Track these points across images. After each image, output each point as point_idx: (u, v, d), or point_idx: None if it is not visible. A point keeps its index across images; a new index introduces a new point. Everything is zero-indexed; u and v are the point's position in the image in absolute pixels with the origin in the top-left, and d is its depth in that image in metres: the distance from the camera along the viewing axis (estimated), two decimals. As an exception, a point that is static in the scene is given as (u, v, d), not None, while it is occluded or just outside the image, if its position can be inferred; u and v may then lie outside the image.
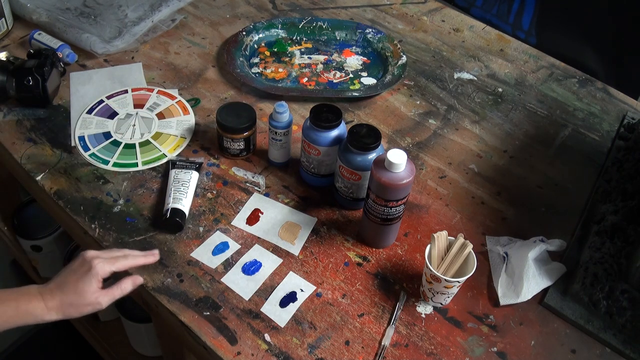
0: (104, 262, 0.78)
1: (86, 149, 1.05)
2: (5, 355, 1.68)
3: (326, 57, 1.30)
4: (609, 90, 1.29)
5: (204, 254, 0.91)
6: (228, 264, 0.90)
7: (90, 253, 0.79)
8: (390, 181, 0.84)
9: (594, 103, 1.25)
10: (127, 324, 1.38)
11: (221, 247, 0.92)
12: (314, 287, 0.88)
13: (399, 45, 1.30)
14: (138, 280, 0.81)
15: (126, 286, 0.80)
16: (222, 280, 0.88)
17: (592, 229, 0.97)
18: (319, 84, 1.23)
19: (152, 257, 0.85)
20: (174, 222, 0.92)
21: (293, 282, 0.89)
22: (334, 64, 1.28)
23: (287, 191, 1.02)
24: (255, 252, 0.92)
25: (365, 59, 1.30)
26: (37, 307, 0.75)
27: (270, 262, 0.91)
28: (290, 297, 0.87)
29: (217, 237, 0.94)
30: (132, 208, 0.97)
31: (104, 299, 0.78)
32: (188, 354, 1.03)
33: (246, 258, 0.91)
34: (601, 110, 1.24)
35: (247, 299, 0.86)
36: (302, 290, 0.88)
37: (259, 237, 0.94)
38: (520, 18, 1.43)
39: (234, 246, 0.93)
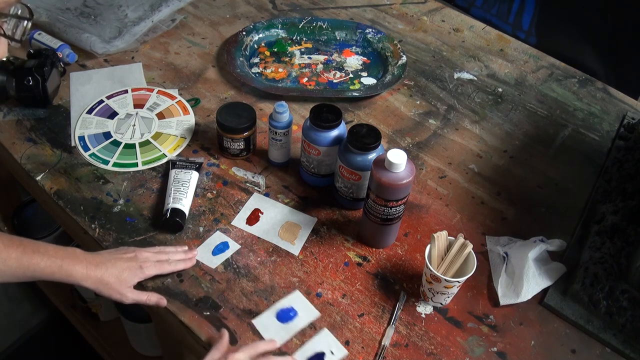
0: (153, 266, 0.85)
1: (86, 149, 1.05)
2: (5, 355, 1.68)
3: (326, 57, 1.30)
4: (609, 90, 1.29)
5: (203, 253, 0.91)
6: (228, 264, 0.90)
7: (145, 254, 0.86)
8: (390, 181, 0.84)
9: (594, 103, 1.25)
10: (127, 324, 1.38)
11: (221, 247, 0.92)
12: (346, 352, 0.82)
13: (399, 45, 1.30)
14: (162, 302, 0.84)
15: (151, 299, 0.84)
16: (253, 322, 0.83)
17: (592, 229, 0.97)
18: (319, 84, 1.23)
19: (190, 262, 0.89)
20: (174, 222, 0.92)
21: (325, 340, 0.82)
22: (334, 64, 1.28)
23: (287, 191, 1.02)
24: (295, 298, 0.87)
25: (365, 59, 1.30)
26: (79, 272, 0.81)
27: (306, 314, 0.85)
28: (318, 357, 0.81)
29: (218, 237, 0.94)
30: (132, 208, 0.97)
31: (131, 296, 0.84)
32: (188, 354, 1.02)
33: (284, 303, 0.86)
34: (601, 110, 1.24)
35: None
36: (332, 353, 0.81)
37: (259, 237, 0.94)
38: (520, 18, 1.43)
39: (233, 246, 0.93)
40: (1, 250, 0.77)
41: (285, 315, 0.84)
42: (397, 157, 0.83)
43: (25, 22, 1.00)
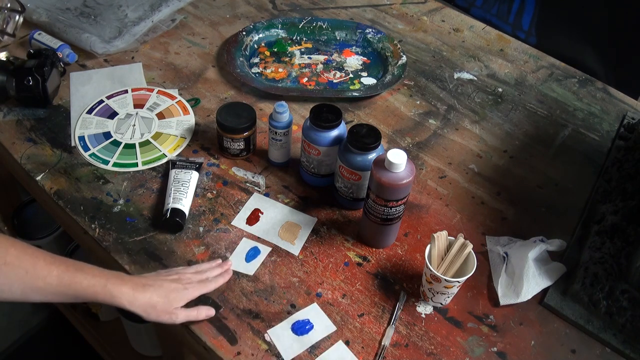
0: (197, 286, 0.84)
1: (86, 149, 1.05)
2: (5, 355, 1.68)
3: (326, 57, 1.30)
4: (609, 90, 1.29)
5: (238, 262, 0.90)
6: (263, 265, 0.90)
7: (187, 275, 0.84)
8: (390, 181, 0.84)
9: (594, 103, 1.25)
10: (127, 324, 1.38)
11: (252, 253, 0.92)
12: None
13: (399, 45, 1.30)
14: (211, 312, 0.84)
15: (200, 314, 0.83)
16: (268, 332, 0.83)
17: (592, 229, 0.97)
18: (319, 84, 1.23)
19: (227, 275, 0.88)
20: (174, 222, 0.92)
21: (338, 354, 0.82)
22: (334, 64, 1.28)
23: (287, 191, 1.02)
24: (312, 311, 0.86)
25: (365, 59, 1.30)
26: (125, 293, 0.78)
27: (323, 327, 0.84)
28: None
29: (246, 244, 0.93)
30: (132, 208, 0.97)
31: (181, 315, 0.81)
32: (188, 354, 1.02)
33: (301, 315, 0.85)
34: (601, 110, 1.24)
35: (285, 359, 0.81)
36: None
37: (259, 237, 0.94)
38: (520, 18, 1.44)
39: (264, 250, 0.92)
40: (42, 267, 0.74)
41: (301, 328, 0.84)
42: (397, 157, 0.83)
43: (17, 16, 0.98)
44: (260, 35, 1.32)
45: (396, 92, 1.23)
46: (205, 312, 0.83)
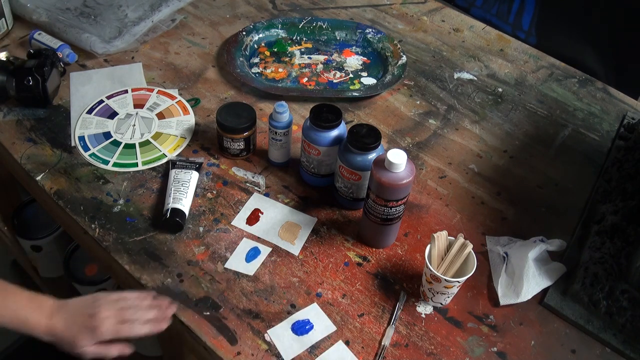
0: (112, 328, 0.78)
1: (86, 149, 1.05)
2: (5, 355, 1.68)
3: (326, 57, 1.30)
4: (609, 90, 1.29)
5: (238, 263, 0.90)
6: (264, 265, 0.90)
7: (105, 313, 0.79)
8: (390, 181, 0.84)
9: (594, 103, 1.25)
10: (127, 324, 1.38)
11: (253, 254, 0.92)
12: None
13: (399, 45, 1.30)
14: (126, 351, 0.82)
15: (112, 352, 0.81)
16: (268, 332, 0.83)
17: (592, 229, 0.97)
18: (319, 84, 1.23)
19: (164, 323, 0.82)
20: (174, 222, 0.92)
21: (338, 354, 0.82)
22: (334, 64, 1.28)
23: (287, 191, 1.02)
24: (312, 311, 0.86)
25: (365, 59, 1.30)
26: (42, 326, 0.78)
27: (323, 327, 0.84)
28: None
29: (247, 245, 0.93)
30: (132, 208, 0.97)
31: (90, 352, 0.79)
32: (188, 354, 1.02)
33: (301, 315, 0.85)
34: (601, 110, 1.24)
35: (285, 359, 0.81)
36: None
37: (259, 237, 0.94)
38: (520, 18, 1.44)
39: (265, 250, 0.92)
40: None
41: (301, 328, 0.83)
42: (397, 157, 0.83)
43: None
44: (260, 35, 1.32)
45: (396, 92, 1.23)
46: (119, 349, 0.81)
